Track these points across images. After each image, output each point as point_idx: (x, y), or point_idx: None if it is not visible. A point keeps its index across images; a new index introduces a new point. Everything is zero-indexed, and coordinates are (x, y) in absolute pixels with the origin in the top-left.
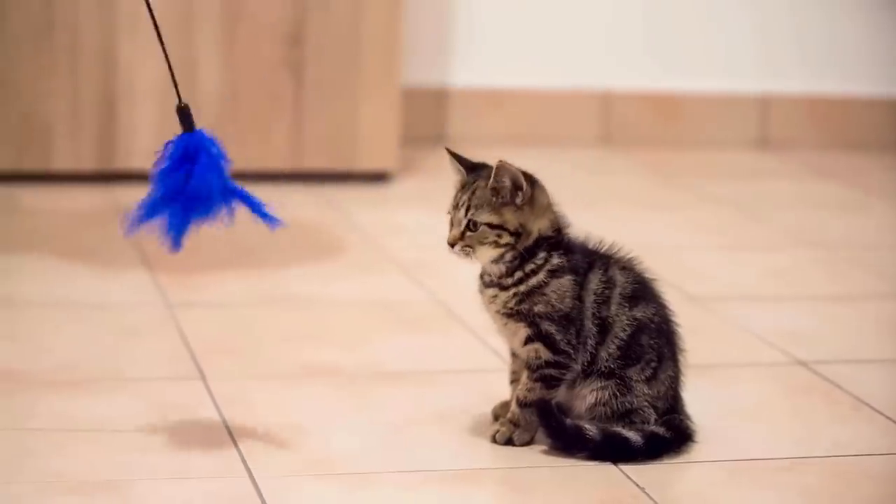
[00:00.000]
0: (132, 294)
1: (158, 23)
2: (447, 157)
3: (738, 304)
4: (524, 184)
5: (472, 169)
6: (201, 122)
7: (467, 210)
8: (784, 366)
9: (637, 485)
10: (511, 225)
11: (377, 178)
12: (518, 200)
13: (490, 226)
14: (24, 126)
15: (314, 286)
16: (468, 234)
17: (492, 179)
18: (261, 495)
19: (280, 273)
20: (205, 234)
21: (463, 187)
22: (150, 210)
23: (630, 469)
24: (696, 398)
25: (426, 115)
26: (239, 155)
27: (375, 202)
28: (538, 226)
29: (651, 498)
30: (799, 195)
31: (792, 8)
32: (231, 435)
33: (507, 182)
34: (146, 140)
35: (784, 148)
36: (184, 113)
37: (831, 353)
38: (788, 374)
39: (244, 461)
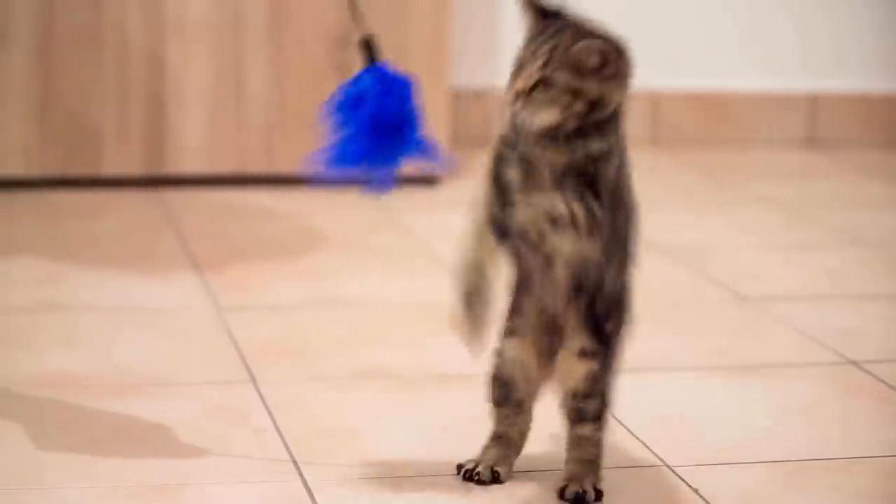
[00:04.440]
0: (183, 298)
1: (204, 24)
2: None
3: (788, 304)
4: (612, 56)
5: (547, 16)
6: (249, 127)
7: (546, 64)
8: (836, 365)
9: (689, 486)
10: (593, 93)
11: (426, 180)
12: (606, 72)
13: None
14: (72, 131)
15: (365, 289)
16: (538, 91)
17: (576, 56)
18: (314, 499)
19: (330, 276)
20: (255, 237)
21: (538, 35)
22: (342, 151)
23: (683, 470)
24: (748, 398)
25: (474, 117)
26: (287, 157)
27: (425, 205)
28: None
29: (703, 499)
30: (849, 194)
31: (840, 6)
32: (283, 439)
33: (596, 60)
34: (195, 144)
35: (833, 147)
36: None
37: (883, 353)
38: (840, 373)
39: (296, 465)
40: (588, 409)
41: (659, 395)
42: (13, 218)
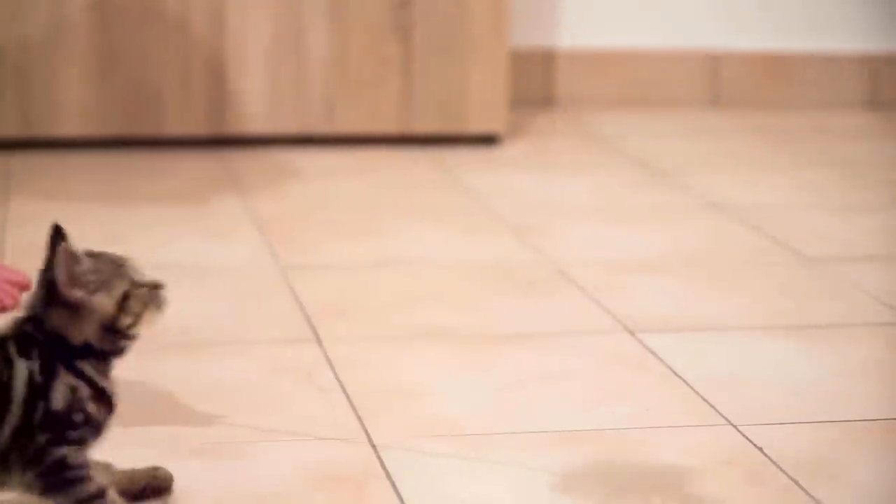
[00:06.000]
0: (246, 258)
1: None
2: None
3: (852, 265)
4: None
5: None
6: (310, 88)
7: None
8: None
9: (754, 444)
10: None
11: (487, 140)
12: None
13: None
14: (133, 91)
15: (426, 249)
16: None
17: None
18: (379, 456)
19: (392, 236)
20: (317, 197)
21: None
22: None
23: (748, 429)
24: (813, 358)
25: (534, 77)
26: (349, 119)
27: (485, 165)
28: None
29: (768, 458)
30: None
31: None
32: (347, 396)
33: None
34: (256, 104)
35: (895, 108)
36: None
37: None
38: None
39: (361, 423)
40: None
41: (723, 354)
42: (75, 177)
